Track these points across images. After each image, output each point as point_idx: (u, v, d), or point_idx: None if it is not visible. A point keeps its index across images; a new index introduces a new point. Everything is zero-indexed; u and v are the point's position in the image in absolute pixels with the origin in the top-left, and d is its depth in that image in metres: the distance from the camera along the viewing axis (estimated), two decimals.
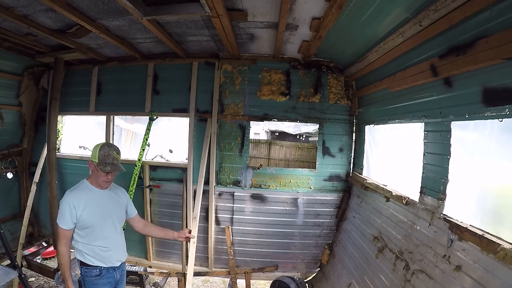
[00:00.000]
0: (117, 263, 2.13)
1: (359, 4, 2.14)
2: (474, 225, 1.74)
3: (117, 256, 2.12)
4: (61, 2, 2.34)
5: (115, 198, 2.15)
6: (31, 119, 4.33)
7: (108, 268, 2.06)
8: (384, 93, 2.93)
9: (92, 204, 1.98)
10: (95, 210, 1.99)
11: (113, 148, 2.03)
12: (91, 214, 1.96)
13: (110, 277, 2.08)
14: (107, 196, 2.10)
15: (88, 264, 2.00)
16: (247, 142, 3.90)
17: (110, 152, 1.98)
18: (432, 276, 1.96)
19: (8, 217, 4.18)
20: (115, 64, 4.08)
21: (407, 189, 2.52)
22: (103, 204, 2.05)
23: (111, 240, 2.07)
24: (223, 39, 3.13)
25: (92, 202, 1.99)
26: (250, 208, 3.90)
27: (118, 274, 2.15)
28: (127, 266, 4.29)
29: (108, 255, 2.05)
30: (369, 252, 2.92)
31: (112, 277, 2.09)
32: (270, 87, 3.81)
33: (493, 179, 1.77)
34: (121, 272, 2.21)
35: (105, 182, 2.03)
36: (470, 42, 1.65)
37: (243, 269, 3.99)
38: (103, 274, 2.03)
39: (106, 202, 2.07)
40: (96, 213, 1.99)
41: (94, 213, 1.98)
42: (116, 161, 2.01)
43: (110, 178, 2.04)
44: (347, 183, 3.87)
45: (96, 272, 2.01)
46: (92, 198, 2.00)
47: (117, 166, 2.01)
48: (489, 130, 1.74)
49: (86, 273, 2.01)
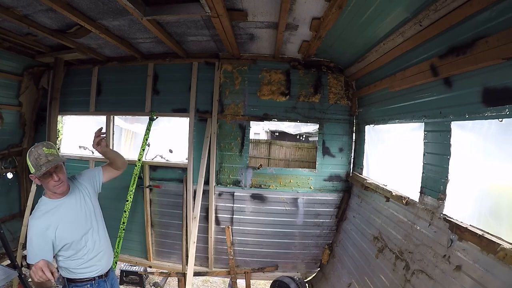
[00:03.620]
0: (107, 268, 1.97)
1: (359, 4, 2.14)
2: (474, 225, 1.74)
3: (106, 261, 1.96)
4: (61, 2, 2.34)
5: (79, 197, 1.88)
6: (31, 119, 4.33)
7: (99, 281, 1.91)
8: (384, 93, 2.93)
9: (61, 216, 1.74)
10: (68, 225, 1.76)
11: (41, 145, 1.69)
12: (65, 231, 1.74)
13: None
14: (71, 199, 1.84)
15: (76, 280, 1.84)
16: (247, 142, 3.90)
17: (39, 151, 1.66)
18: (432, 276, 1.96)
19: (8, 217, 4.18)
20: (115, 64, 4.08)
21: (407, 189, 2.52)
22: (71, 210, 1.80)
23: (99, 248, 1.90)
24: (223, 39, 3.13)
25: (60, 213, 1.75)
26: (250, 208, 3.90)
27: (108, 285, 1.99)
28: (127, 266, 4.29)
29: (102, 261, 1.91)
30: (369, 252, 2.92)
31: None
32: (270, 87, 3.81)
33: (493, 179, 1.77)
34: (111, 281, 2.04)
35: (57, 186, 1.71)
36: (470, 42, 1.65)
37: (243, 269, 3.99)
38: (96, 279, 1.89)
39: (74, 209, 1.82)
40: (70, 227, 1.77)
41: (68, 229, 1.75)
42: (51, 156, 1.67)
43: (57, 178, 1.70)
44: (347, 183, 3.87)
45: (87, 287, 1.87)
46: (57, 213, 1.74)
47: (53, 161, 1.65)
48: (489, 130, 1.74)
49: None
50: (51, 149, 1.71)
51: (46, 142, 1.77)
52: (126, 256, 4.22)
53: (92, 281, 1.87)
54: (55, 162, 1.66)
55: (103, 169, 2.11)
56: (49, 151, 1.68)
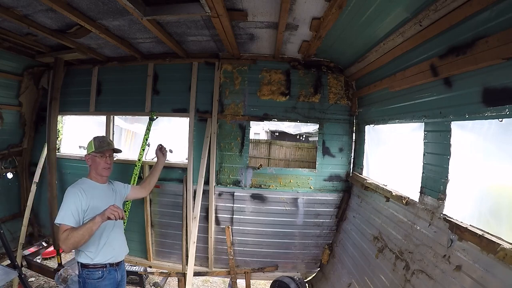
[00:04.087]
0: (120, 257, 2.16)
1: (359, 4, 2.14)
2: (474, 225, 1.74)
3: (119, 250, 2.15)
4: (61, 2, 2.34)
5: (114, 191, 2.22)
6: (31, 119, 4.33)
7: (110, 269, 2.05)
8: (384, 93, 2.93)
9: (94, 198, 1.98)
10: (97, 205, 1.96)
11: (105, 136, 2.20)
12: (98, 208, 1.93)
13: (112, 278, 2.07)
14: (107, 190, 2.15)
15: (90, 266, 1.98)
16: (247, 142, 3.90)
17: (104, 138, 2.14)
18: (432, 276, 1.96)
19: (8, 217, 4.18)
20: (115, 64, 4.08)
21: (407, 189, 2.52)
22: (104, 198, 2.05)
23: (112, 235, 2.09)
24: (223, 39, 3.13)
25: (95, 196, 1.99)
26: (250, 208, 3.90)
27: (119, 275, 2.14)
28: (127, 266, 4.29)
29: (110, 250, 2.05)
30: (369, 252, 2.92)
31: (113, 278, 2.08)
32: (270, 87, 3.81)
33: (493, 179, 1.77)
34: (122, 272, 2.20)
35: (105, 169, 2.09)
36: (470, 42, 1.65)
37: (243, 269, 3.99)
38: (105, 276, 2.02)
39: (107, 196, 2.09)
40: (99, 206, 1.95)
41: (101, 207, 1.92)
42: (112, 144, 2.14)
43: (109, 162, 2.10)
44: (347, 183, 3.87)
45: (99, 274, 1.99)
46: (94, 192, 2.01)
47: (112, 145, 2.13)
48: (489, 130, 1.74)
49: (88, 276, 1.98)
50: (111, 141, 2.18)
51: None
52: (126, 256, 4.20)
53: (103, 268, 2.01)
54: (114, 147, 2.14)
55: (132, 188, 2.44)
56: (109, 140, 2.16)
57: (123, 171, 3.96)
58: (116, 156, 2.33)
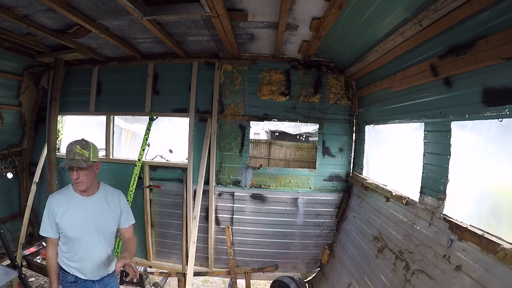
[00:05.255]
0: (91, 277, 1.91)
1: (359, 4, 2.14)
2: (474, 225, 1.74)
3: (90, 273, 1.89)
4: (61, 2, 2.34)
5: (102, 206, 1.89)
6: (31, 119, 4.33)
7: (86, 279, 1.89)
8: (384, 93, 2.93)
9: (71, 212, 1.80)
10: (74, 220, 1.80)
11: (78, 143, 1.78)
12: (70, 224, 1.79)
13: (87, 286, 1.92)
14: (92, 204, 1.86)
15: (63, 269, 1.89)
16: (247, 142, 3.90)
17: (73, 147, 1.75)
18: (432, 276, 1.96)
19: (8, 217, 4.18)
20: (115, 64, 4.08)
21: (407, 189, 2.51)
22: (85, 213, 1.83)
23: (93, 254, 1.87)
24: (223, 39, 3.13)
25: (72, 210, 1.80)
26: (250, 208, 3.90)
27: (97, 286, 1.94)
28: None
29: (86, 269, 1.87)
30: (369, 252, 2.92)
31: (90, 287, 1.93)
32: (270, 87, 3.81)
33: (493, 179, 1.77)
34: (104, 285, 1.98)
35: (76, 184, 1.78)
36: (470, 42, 1.65)
37: (243, 269, 3.99)
38: (80, 282, 1.89)
39: (89, 211, 1.84)
40: (75, 224, 1.80)
41: (73, 224, 1.79)
42: (79, 156, 1.71)
43: (76, 177, 1.73)
44: (347, 183, 3.87)
45: (72, 279, 1.87)
46: (72, 205, 1.82)
47: (75, 162, 1.69)
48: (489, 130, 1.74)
49: (62, 277, 1.90)
50: (84, 150, 1.75)
51: (84, 140, 1.82)
52: None
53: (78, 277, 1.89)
54: (75, 164, 1.71)
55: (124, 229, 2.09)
56: (81, 151, 1.74)
57: (123, 171, 3.96)
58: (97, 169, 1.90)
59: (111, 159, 4.08)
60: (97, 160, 1.86)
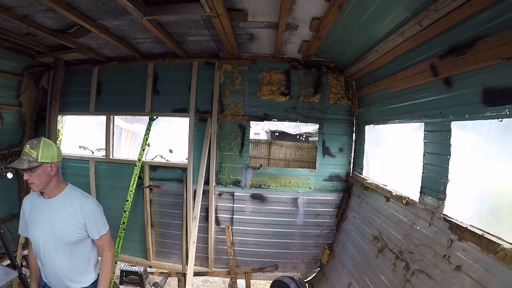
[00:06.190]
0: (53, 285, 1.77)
1: (359, 4, 2.14)
2: (474, 225, 1.74)
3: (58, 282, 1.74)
4: (61, 2, 2.34)
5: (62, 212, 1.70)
6: (31, 119, 4.33)
7: None
8: (384, 93, 2.93)
9: (34, 214, 1.72)
10: (34, 222, 1.70)
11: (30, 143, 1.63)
12: (31, 225, 1.71)
13: None
14: (51, 207, 1.70)
15: None
16: (247, 142, 3.90)
17: (25, 148, 1.62)
18: (432, 276, 1.96)
19: (8, 217, 4.18)
20: (115, 64, 4.08)
21: (407, 189, 2.51)
22: (44, 216, 1.69)
23: (51, 261, 1.71)
24: (223, 39, 3.13)
25: (35, 211, 1.72)
26: (250, 208, 3.90)
27: None
28: (127, 266, 4.29)
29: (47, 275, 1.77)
30: (369, 252, 2.92)
31: None
32: (270, 87, 3.81)
33: (493, 179, 1.77)
34: None
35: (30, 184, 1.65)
36: (470, 42, 1.66)
37: (243, 269, 3.99)
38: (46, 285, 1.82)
39: (47, 215, 1.69)
40: (35, 226, 1.70)
41: (32, 225, 1.71)
42: (26, 156, 1.58)
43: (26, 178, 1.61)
44: (347, 183, 3.87)
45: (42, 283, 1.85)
46: (36, 206, 1.73)
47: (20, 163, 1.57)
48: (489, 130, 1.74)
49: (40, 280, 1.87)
50: (33, 150, 1.60)
51: (38, 140, 1.65)
52: (126, 256, 4.22)
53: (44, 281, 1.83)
54: (19, 165, 1.57)
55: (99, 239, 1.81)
56: (29, 151, 1.59)
57: (123, 171, 3.96)
58: None
59: (111, 159, 4.08)
60: (50, 161, 1.64)
